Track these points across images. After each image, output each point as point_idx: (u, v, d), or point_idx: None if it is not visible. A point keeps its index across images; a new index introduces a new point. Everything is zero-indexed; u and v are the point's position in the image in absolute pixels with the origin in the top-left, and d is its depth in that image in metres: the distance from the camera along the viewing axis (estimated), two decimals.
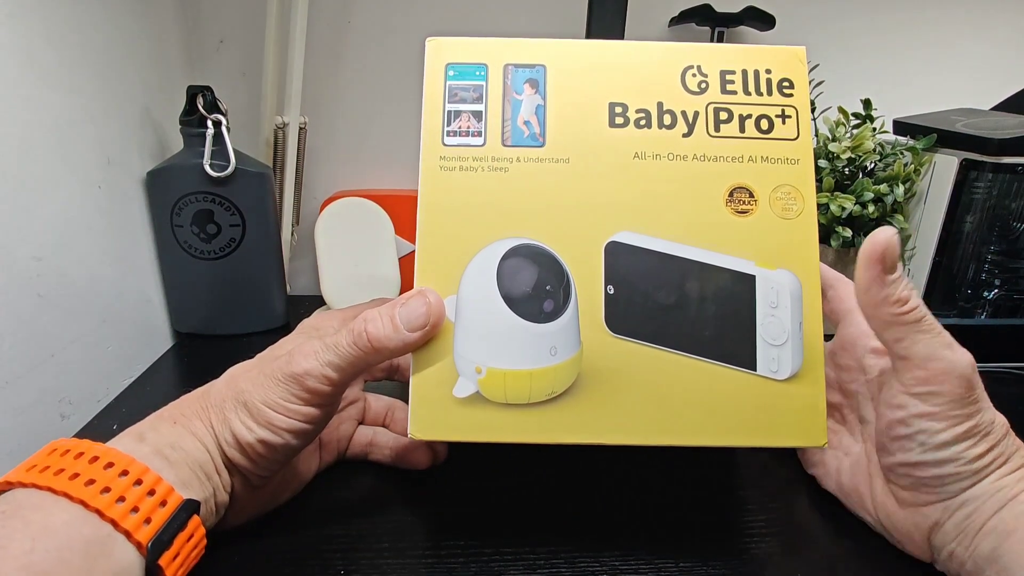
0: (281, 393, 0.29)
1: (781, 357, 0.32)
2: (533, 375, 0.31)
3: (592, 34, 0.51)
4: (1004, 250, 0.53)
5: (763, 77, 0.33)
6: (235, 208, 0.53)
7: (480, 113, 0.32)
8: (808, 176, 0.33)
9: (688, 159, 0.32)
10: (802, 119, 0.33)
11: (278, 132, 0.59)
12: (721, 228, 0.32)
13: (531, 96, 0.33)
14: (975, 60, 0.68)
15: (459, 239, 0.32)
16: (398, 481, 0.38)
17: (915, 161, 0.54)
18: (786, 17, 0.63)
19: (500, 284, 0.31)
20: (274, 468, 0.31)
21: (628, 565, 0.32)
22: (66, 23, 0.43)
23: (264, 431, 0.29)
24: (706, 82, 0.33)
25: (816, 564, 0.32)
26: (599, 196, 0.32)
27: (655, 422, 0.31)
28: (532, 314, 0.31)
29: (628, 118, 0.33)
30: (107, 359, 0.47)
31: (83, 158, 0.45)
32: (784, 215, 0.32)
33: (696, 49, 0.33)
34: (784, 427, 0.31)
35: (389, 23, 0.64)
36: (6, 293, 0.38)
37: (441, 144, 0.32)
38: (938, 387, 0.29)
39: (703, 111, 0.33)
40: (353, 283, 0.45)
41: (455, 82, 0.33)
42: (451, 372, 0.31)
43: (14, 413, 0.38)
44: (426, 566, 0.31)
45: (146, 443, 0.27)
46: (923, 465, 0.30)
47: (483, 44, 0.33)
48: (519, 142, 0.32)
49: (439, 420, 0.31)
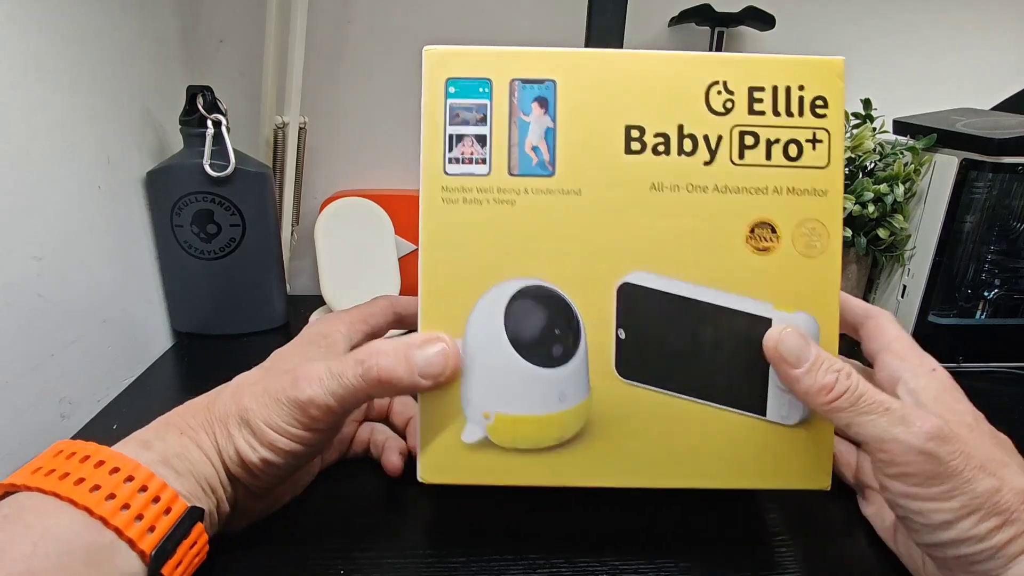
0: (284, 416, 0.29)
1: (792, 403, 0.31)
2: (541, 421, 0.31)
3: (592, 33, 0.51)
4: (1004, 250, 0.53)
5: (795, 95, 0.30)
6: (235, 208, 0.53)
7: (484, 137, 0.30)
8: (836, 208, 0.30)
9: (708, 191, 0.30)
10: (834, 143, 0.30)
11: (278, 132, 0.59)
12: (740, 268, 0.30)
13: (540, 117, 0.30)
14: (975, 60, 0.68)
15: (464, 279, 0.30)
16: (399, 480, 0.37)
17: (915, 161, 0.54)
18: (786, 17, 0.63)
19: (508, 328, 0.30)
20: (276, 482, 0.31)
21: (628, 565, 0.32)
22: (66, 23, 0.43)
23: (266, 451, 0.29)
24: (732, 101, 0.30)
25: (816, 564, 0.32)
26: (612, 233, 0.30)
27: (663, 466, 0.31)
28: (541, 359, 0.30)
29: (645, 143, 0.30)
30: (107, 359, 0.47)
31: (83, 158, 0.45)
32: (807, 252, 0.30)
33: (723, 61, 0.30)
34: (789, 470, 0.31)
35: (389, 23, 0.64)
36: (6, 293, 0.37)
37: (443, 173, 0.30)
38: (904, 468, 0.26)
39: (727, 135, 0.30)
40: (353, 283, 0.46)
41: (456, 100, 0.30)
42: (459, 417, 0.31)
43: (14, 413, 0.38)
44: (427, 566, 0.31)
45: (152, 451, 0.27)
46: (940, 547, 0.26)
47: (487, 55, 0.30)
48: (527, 171, 0.30)
49: (448, 465, 0.31)
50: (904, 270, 0.56)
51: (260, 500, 0.32)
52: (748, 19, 0.60)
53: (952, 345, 0.54)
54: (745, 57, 0.30)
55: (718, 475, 0.31)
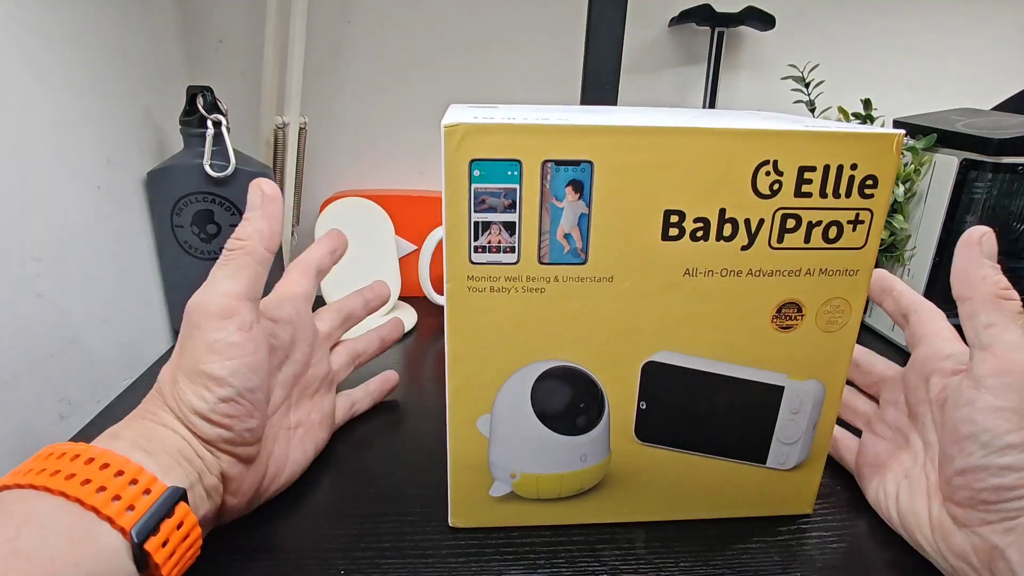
0: (207, 338, 0.29)
1: (791, 453, 0.33)
2: (564, 478, 0.33)
3: (592, 33, 0.51)
4: (1004, 250, 0.52)
5: (846, 174, 0.28)
6: (235, 208, 0.53)
7: (513, 225, 0.27)
8: (863, 286, 0.30)
9: (743, 275, 0.29)
10: (875, 224, 0.29)
11: (278, 132, 0.59)
12: (762, 344, 0.30)
13: (574, 203, 0.27)
14: (975, 60, 0.68)
15: (491, 362, 0.30)
16: (399, 480, 0.38)
17: (915, 161, 0.54)
18: (786, 17, 0.63)
19: (535, 404, 0.31)
20: (250, 428, 0.31)
21: (628, 565, 0.32)
22: (66, 23, 0.43)
23: (215, 387, 0.29)
24: (780, 183, 0.27)
25: (816, 564, 0.32)
26: (642, 318, 0.29)
27: (667, 504, 0.34)
28: (566, 429, 0.32)
29: (684, 229, 0.28)
30: (107, 359, 0.47)
31: (83, 158, 0.45)
32: (828, 328, 0.30)
33: (778, 138, 0.27)
34: (777, 501, 0.35)
35: (389, 23, 0.64)
36: (6, 293, 0.37)
37: (468, 262, 0.28)
38: (1014, 380, 0.27)
39: (769, 219, 0.28)
40: (353, 283, 0.46)
41: (482, 185, 0.26)
42: (486, 477, 0.33)
43: (13, 413, 0.38)
44: (426, 566, 0.31)
45: (122, 439, 0.28)
46: (983, 471, 0.27)
47: (515, 133, 0.26)
48: (558, 259, 0.28)
49: (477, 514, 0.34)
50: (904, 270, 0.56)
51: (247, 468, 0.32)
52: (748, 19, 0.60)
53: None
54: (799, 132, 0.27)
55: (713, 508, 0.35)
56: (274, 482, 0.34)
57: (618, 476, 0.33)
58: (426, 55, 0.65)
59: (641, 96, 0.67)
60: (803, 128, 0.27)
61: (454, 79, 0.65)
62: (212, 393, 0.29)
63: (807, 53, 0.65)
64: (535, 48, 0.65)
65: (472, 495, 0.33)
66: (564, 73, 0.63)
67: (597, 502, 0.34)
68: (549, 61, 0.65)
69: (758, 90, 0.68)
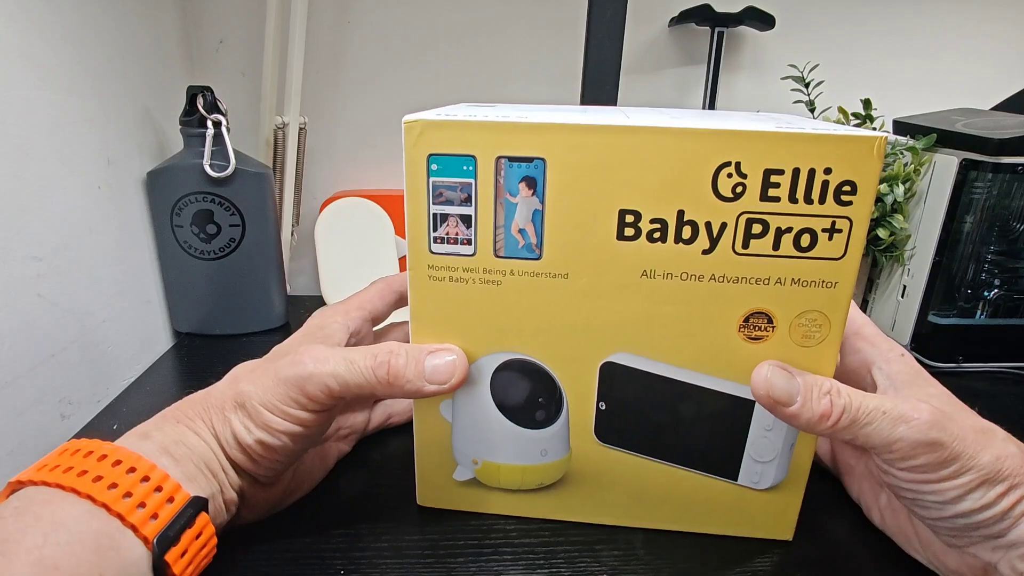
0: (280, 396, 0.29)
1: (765, 472, 0.32)
2: (525, 470, 0.34)
3: (592, 33, 0.51)
4: (1004, 250, 0.53)
5: (819, 178, 0.26)
6: (235, 208, 0.53)
7: (469, 218, 0.28)
8: (843, 300, 0.28)
9: (704, 280, 0.28)
10: (855, 233, 0.27)
11: (278, 132, 0.59)
12: (728, 354, 0.29)
13: (528, 199, 0.28)
14: (975, 60, 0.68)
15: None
16: (398, 480, 0.37)
17: (915, 161, 0.54)
18: (786, 17, 0.63)
19: (494, 394, 0.32)
20: (278, 468, 0.31)
21: (628, 565, 0.32)
22: (66, 23, 0.43)
23: (262, 433, 0.29)
24: (743, 185, 0.26)
25: (817, 564, 0.32)
26: (599, 317, 0.29)
27: (633, 510, 0.34)
28: (524, 421, 0.32)
29: (640, 229, 0.27)
30: (107, 359, 0.47)
31: (83, 158, 0.45)
32: (803, 343, 0.28)
33: (740, 138, 0.26)
34: (754, 523, 0.33)
35: (389, 23, 0.64)
36: (6, 293, 0.38)
37: (428, 251, 0.29)
38: (913, 460, 0.27)
39: (732, 223, 0.27)
40: (353, 283, 0.46)
41: (439, 179, 0.28)
42: (450, 460, 0.34)
43: (14, 413, 0.38)
44: (426, 566, 0.31)
45: (151, 441, 0.28)
46: (951, 519, 0.28)
47: (471, 129, 0.27)
48: (513, 253, 0.29)
49: (442, 495, 0.35)
50: (904, 270, 0.56)
51: (266, 490, 0.32)
52: (748, 19, 0.60)
53: (952, 345, 0.54)
54: (763, 133, 0.26)
55: (684, 521, 0.34)
56: (292, 495, 0.34)
57: (581, 475, 0.33)
58: (426, 55, 0.65)
59: (641, 96, 0.67)
60: (769, 129, 0.26)
61: (454, 79, 0.65)
62: (252, 434, 0.29)
63: (807, 53, 0.64)
64: (535, 48, 0.65)
65: (437, 476, 0.34)
66: (564, 73, 0.63)
67: (560, 499, 0.34)
68: (549, 61, 0.65)
69: (758, 90, 0.68)
